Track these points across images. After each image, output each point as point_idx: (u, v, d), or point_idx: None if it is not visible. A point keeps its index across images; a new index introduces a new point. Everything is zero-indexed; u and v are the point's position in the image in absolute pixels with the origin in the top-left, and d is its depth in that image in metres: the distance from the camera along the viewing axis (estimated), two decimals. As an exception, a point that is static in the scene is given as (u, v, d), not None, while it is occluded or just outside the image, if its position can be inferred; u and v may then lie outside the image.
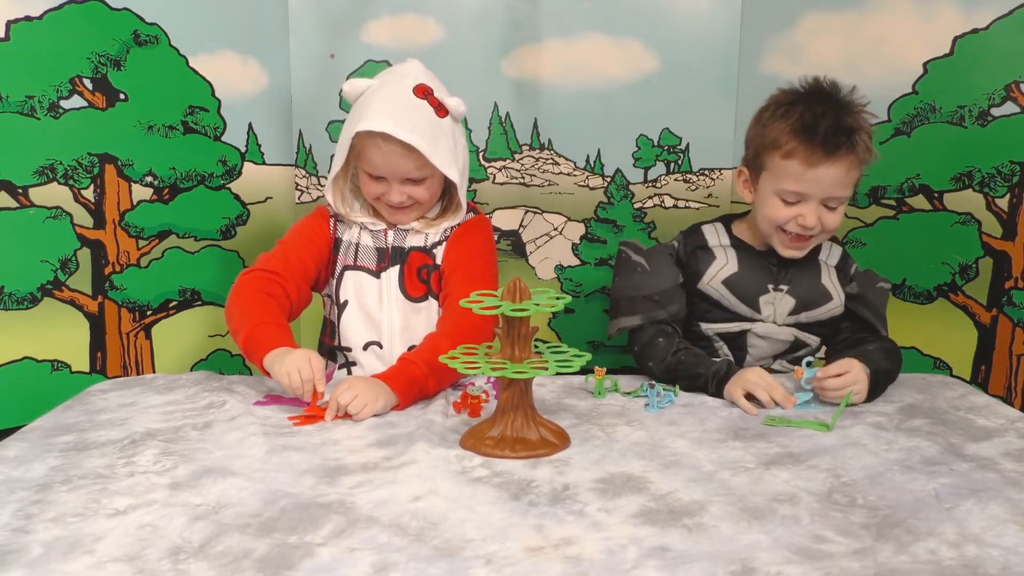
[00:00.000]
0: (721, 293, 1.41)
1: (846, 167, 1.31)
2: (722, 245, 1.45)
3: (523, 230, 1.86)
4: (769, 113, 1.37)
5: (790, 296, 1.41)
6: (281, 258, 1.41)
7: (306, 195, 1.82)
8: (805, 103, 1.33)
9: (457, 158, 1.40)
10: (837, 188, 1.32)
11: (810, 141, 1.30)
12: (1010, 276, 1.57)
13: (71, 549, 0.80)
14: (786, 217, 1.34)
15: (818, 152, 1.29)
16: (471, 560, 0.78)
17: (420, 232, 1.45)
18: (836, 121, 1.30)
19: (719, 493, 0.93)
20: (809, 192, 1.32)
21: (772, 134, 1.34)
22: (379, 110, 1.34)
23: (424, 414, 1.20)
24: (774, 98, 1.39)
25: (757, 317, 1.41)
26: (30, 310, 1.48)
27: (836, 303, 1.42)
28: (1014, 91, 1.52)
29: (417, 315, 1.44)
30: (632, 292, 1.42)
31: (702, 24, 1.76)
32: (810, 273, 1.43)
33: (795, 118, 1.32)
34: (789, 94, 1.37)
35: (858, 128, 1.32)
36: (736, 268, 1.42)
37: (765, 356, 1.44)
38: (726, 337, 1.43)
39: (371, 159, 1.37)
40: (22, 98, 1.43)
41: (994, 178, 1.56)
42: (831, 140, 1.29)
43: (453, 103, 1.39)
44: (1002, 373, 1.59)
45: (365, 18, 1.76)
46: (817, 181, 1.31)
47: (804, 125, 1.31)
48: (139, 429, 1.14)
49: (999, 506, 0.90)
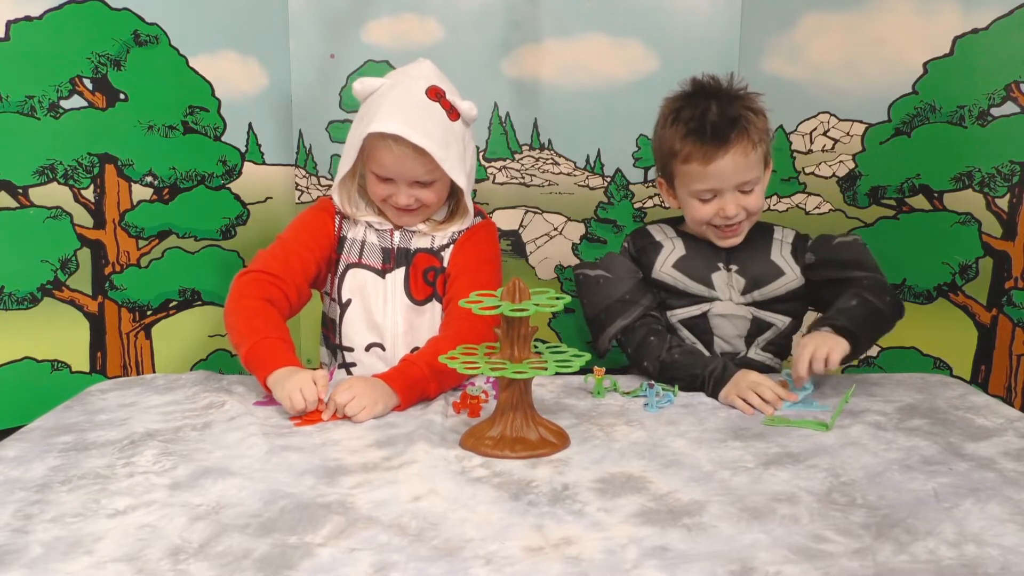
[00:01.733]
0: (674, 277, 1.45)
1: (742, 152, 1.35)
2: (668, 237, 1.49)
3: (523, 230, 1.86)
4: (661, 123, 1.44)
5: (740, 276, 1.43)
6: (281, 258, 1.39)
7: (306, 195, 1.82)
8: (688, 104, 1.39)
9: (465, 163, 1.39)
10: (743, 173, 1.37)
11: (700, 140, 1.35)
12: (1010, 276, 1.57)
13: (71, 549, 0.80)
14: (709, 213, 1.39)
15: (710, 147, 1.35)
16: (471, 560, 0.78)
17: (427, 234, 1.45)
18: (720, 112, 1.36)
19: (719, 493, 0.93)
20: (719, 186, 1.37)
21: (668, 143, 1.40)
22: (391, 112, 1.32)
23: (424, 414, 1.20)
24: (662, 107, 1.45)
25: (714, 295, 1.44)
26: (30, 310, 1.48)
27: (790, 277, 1.43)
28: (1014, 91, 1.52)
29: (420, 318, 1.43)
30: (604, 302, 1.44)
31: (702, 24, 1.76)
32: (759, 251, 1.45)
33: (682, 122, 1.38)
34: (673, 100, 1.43)
35: (741, 113, 1.37)
36: (684, 252, 1.46)
37: (731, 337, 1.45)
38: (689, 324, 1.44)
39: (381, 161, 1.35)
40: (22, 98, 1.44)
41: (994, 178, 1.56)
42: (719, 132, 1.35)
43: (465, 107, 1.38)
44: (1002, 373, 1.59)
45: (365, 18, 1.76)
46: (720, 174, 1.36)
47: (691, 128, 1.36)
48: (139, 429, 1.14)
49: (998, 506, 0.90)
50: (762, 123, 1.39)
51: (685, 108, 1.39)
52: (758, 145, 1.37)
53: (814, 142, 1.75)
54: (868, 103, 1.68)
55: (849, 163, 1.73)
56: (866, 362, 1.77)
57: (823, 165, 1.75)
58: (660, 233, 1.50)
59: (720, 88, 1.40)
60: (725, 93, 1.40)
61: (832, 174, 1.75)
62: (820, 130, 1.74)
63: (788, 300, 1.45)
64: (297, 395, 1.17)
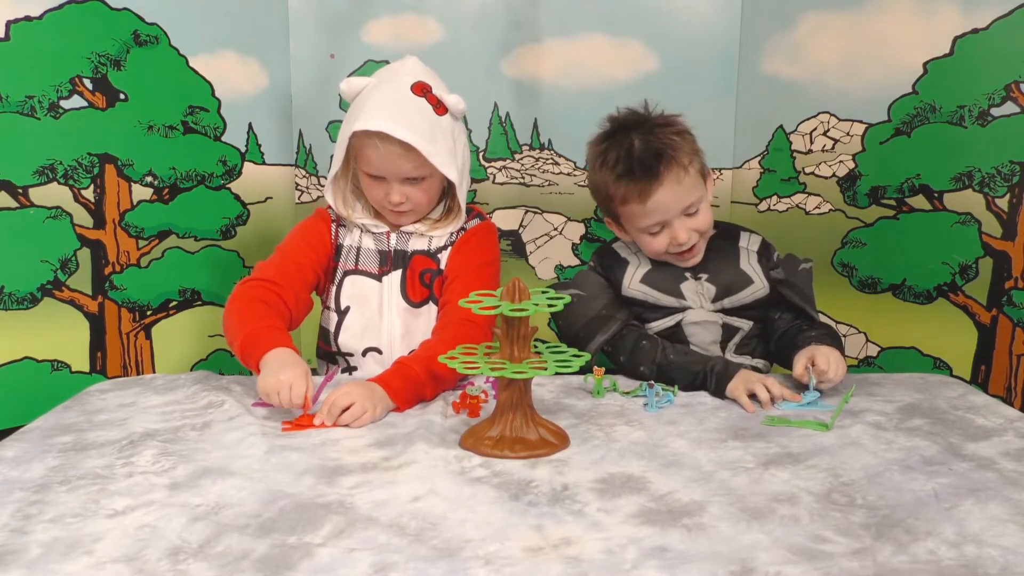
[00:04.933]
0: (644, 292, 1.44)
1: (675, 179, 1.34)
2: (633, 252, 1.49)
3: (523, 230, 1.86)
4: (592, 168, 1.43)
5: (710, 284, 1.43)
6: (278, 266, 1.38)
7: (306, 195, 1.82)
8: (611, 145, 1.38)
9: (456, 157, 1.38)
10: (683, 199, 1.36)
11: (632, 179, 1.34)
12: (1010, 276, 1.56)
13: (70, 550, 0.80)
14: (663, 244, 1.39)
15: (643, 184, 1.34)
16: (470, 560, 0.78)
17: (423, 235, 1.44)
18: (643, 147, 1.34)
19: (718, 493, 0.93)
20: (663, 218, 1.36)
21: (603, 188, 1.40)
22: (376, 109, 1.32)
23: (423, 414, 1.20)
24: (588, 151, 1.44)
25: (685, 304, 1.44)
26: (30, 310, 1.48)
27: (758, 286, 1.44)
28: (1014, 91, 1.52)
29: (417, 320, 1.42)
30: (581, 320, 1.42)
31: (702, 24, 1.77)
32: (728, 259, 1.45)
33: (610, 165, 1.36)
34: (597, 142, 1.42)
35: (665, 141, 1.35)
36: (650, 266, 1.46)
37: (707, 343, 1.45)
38: (665, 335, 1.44)
39: (369, 159, 1.35)
40: (22, 98, 1.44)
41: (994, 178, 1.56)
42: (648, 167, 1.33)
43: (452, 100, 1.37)
44: (1002, 373, 1.59)
45: (365, 18, 1.76)
46: (661, 206, 1.35)
47: (620, 170, 1.35)
48: (138, 429, 1.14)
49: (998, 506, 0.90)
50: (688, 143, 1.37)
51: (610, 149, 1.37)
52: (689, 167, 1.36)
53: (814, 142, 1.75)
54: (868, 103, 1.68)
55: (849, 163, 1.73)
56: (866, 362, 1.77)
57: (823, 165, 1.75)
58: (625, 250, 1.50)
59: (639, 119, 1.39)
60: (644, 123, 1.38)
61: (832, 174, 1.75)
62: (820, 130, 1.74)
63: (755, 307, 1.45)
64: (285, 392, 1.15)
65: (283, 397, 1.15)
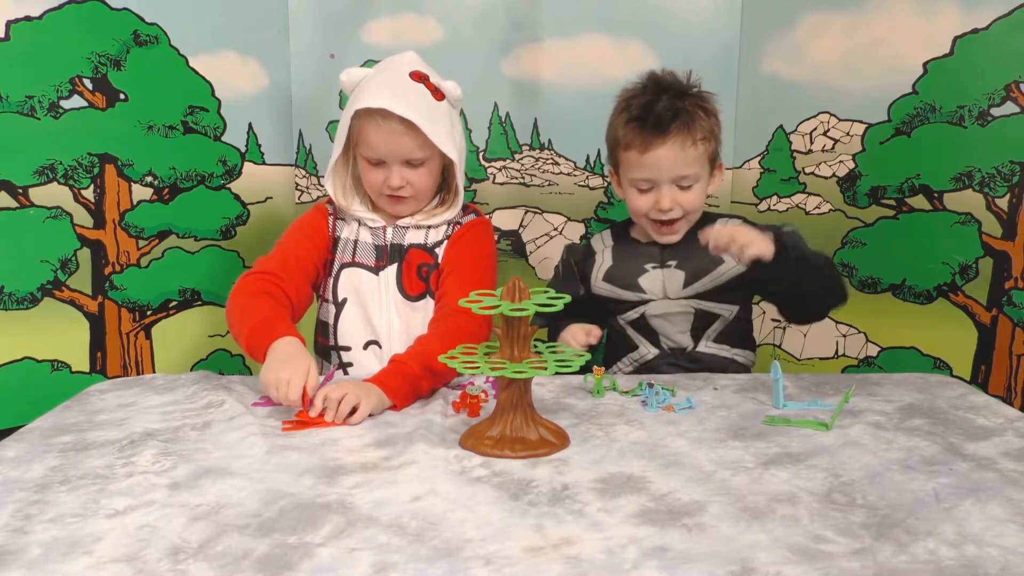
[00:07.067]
0: (607, 289, 1.49)
1: (680, 144, 1.37)
2: (606, 247, 1.52)
3: (523, 230, 1.86)
4: (613, 113, 1.45)
5: (679, 270, 1.45)
6: (278, 259, 1.39)
7: (306, 195, 1.82)
8: (640, 95, 1.41)
9: (455, 140, 1.41)
10: (680, 167, 1.38)
11: (641, 127, 1.38)
12: (1010, 276, 1.57)
13: (70, 550, 0.80)
14: (645, 205, 1.41)
15: (649, 136, 1.37)
16: (471, 560, 0.78)
17: (420, 229, 1.45)
18: (668, 104, 1.38)
19: (719, 493, 0.93)
20: (655, 176, 1.39)
21: (614, 131, 1.43)
22: (378, 90, 1.36)
23: (423, 414, 1.20)
24: (620, 94, 1.46)
25: (645, 297, 1.46)
26: (30, 310, 1.48)
27: (730, 264, 1.43)
28: (1014, 91, 1.52)
29: (415, 314, 1.43)
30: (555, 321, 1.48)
31: (702, 24, 1.77)
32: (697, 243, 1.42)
33: (630, 109, 1.40)
34: (628, 91, 1.45)
35: (689, 108, 1.38)
36: (611, 263, 1.49)
37: (674, 334, 1.46)
38: (635, 326, 1.48)
39: (369, 139, 1.37)
40: (22, 98, 1.44)
41: (994, 178, 1.56)
42: (661, 123, 1.37)
43: (449, 86, 1.42)
44: (1002, 373, 1.59)
45: (365, 18, 1.76)
46: (656, 164, 1.38)
47: (634, 115, 1.39)
48: (138, 429, 1.14)
49: (998, 506, 0.90)
50: (711, 124, 1.40)
51: (636, 97, 1.41)
52: (700, 143, 1.38)
53: (814, 142, 1.75)
54: (868, 103, 1.68)
55: (849, 163, 1.73)
56: (866, 362, 1.77)
57: (823, 165, 1.75)
58: (599, 243, 1.53)
59: (674, 83, 1.42)
60: (678, 88, 1.41)
61: (832, 174, 1.75)
62: (820, 130, 1.74)
63: (733, 289, 1.44)
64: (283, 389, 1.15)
65: (280, 394, 1.16)
